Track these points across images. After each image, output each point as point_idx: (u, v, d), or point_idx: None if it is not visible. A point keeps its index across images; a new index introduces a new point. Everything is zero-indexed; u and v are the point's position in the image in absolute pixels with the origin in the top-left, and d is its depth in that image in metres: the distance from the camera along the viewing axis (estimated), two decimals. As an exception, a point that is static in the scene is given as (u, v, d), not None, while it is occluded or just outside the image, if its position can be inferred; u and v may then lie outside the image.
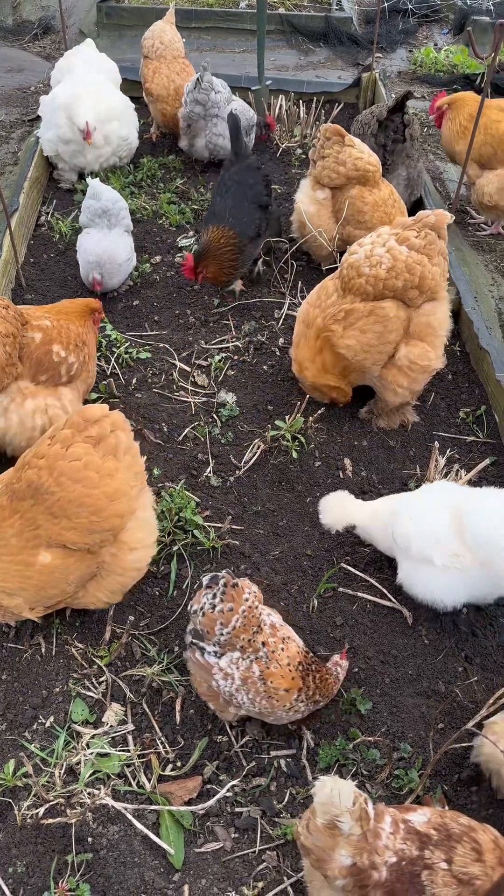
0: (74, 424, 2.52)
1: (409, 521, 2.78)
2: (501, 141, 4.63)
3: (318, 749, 2.59)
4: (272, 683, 2.37)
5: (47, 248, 4.76)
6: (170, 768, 2.55)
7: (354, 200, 4.23)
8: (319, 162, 4.27)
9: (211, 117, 5.21)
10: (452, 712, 2.70)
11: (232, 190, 4.17)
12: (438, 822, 1.92)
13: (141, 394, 3.83)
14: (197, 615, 2.35)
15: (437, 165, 5.92)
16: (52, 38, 7.57)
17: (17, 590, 2.53)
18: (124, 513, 2.56)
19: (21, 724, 2.63)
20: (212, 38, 7.60)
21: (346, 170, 4.18)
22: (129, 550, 2.66)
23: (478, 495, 2.79)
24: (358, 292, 3.40)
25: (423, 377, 3.57)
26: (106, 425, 2.53)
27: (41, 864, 2.32)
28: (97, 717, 2.65)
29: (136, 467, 2.63)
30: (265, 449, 3.56)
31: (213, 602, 2.31)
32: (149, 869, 2.33)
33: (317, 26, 7.64)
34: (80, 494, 2.45)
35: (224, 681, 2.37)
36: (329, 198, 4.33)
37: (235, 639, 2.33)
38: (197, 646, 2.39)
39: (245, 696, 2.38)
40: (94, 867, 2.32)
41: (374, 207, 4.24)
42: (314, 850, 1.87)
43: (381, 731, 2.65)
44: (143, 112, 5.94)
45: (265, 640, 2.39)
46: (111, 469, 2.51)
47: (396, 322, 3.41)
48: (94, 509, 2.48)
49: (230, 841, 2.41)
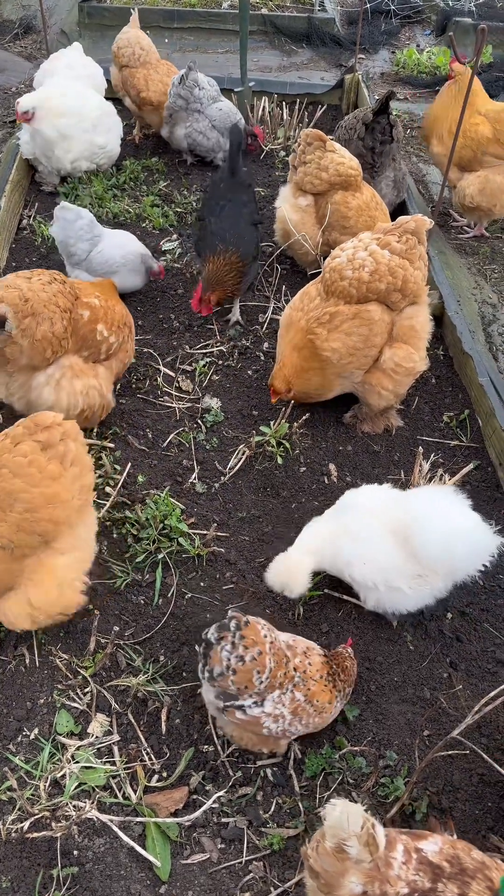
0: (27, 427, 2.55)
1: (363, 566, 2.76)
2: (480, 143, 4.67)
3: (305, 758, 2.59)
4: (319, 701, 2.38)
5: (29, 251, 4.72)
6: (156, 779, 2.54)
7: (338, 206, 4.23)
8: (301, 168, 4.25)
9: (192, 111, 5.24)
10: (438, 719, 2.71)
11: (227, 209, 4.02)
12: (451, 854, 1.86)
13: (125, 400, 3.81)
14: (226, 676, 2.24)
15: (420, 168, 5.94)
16: (34, 37, 7.51)
17: None
18: (59, 520, 2.53)
19: (5, 736, 2.61)
20: (194, 39, 7.57)
21: (328, 175, 4.17)
22: (59, 555, 2.59)
23: (415, 511, 2.73)
24: (341, 295, 3.40)
25: (408, 380, 3.58)
26: (56, 433, 2.56)
27: (26, 879, 2.30)
28: (82, 729, 2.64)
29: (83, 480, 2.61)
30: (250, 455, 3.56)
31: (239, 654, 2.23)
32: (135, 881, 2.32)
33: (300, 27, 7.64)
34: (17, 489, 2.46)
35: (275, 723, 2.33)
36: (312, 204, 4.32)
37: (273, 679, 2.29)
38: (233, 707, 2.30)
39: (298, 724, 2.37)
40: (80, 881, 2.31)
41: (358, 212, 4.24)
42: (322, 874, 1.82)
43: (366, 739, 2.65)
44: (125, 114, 5.91)
45: (295, 665, 2.37)
46: (54, 473, 2.51)
47: (381, 325, 3.41)
48: (29, 507, 2.47)
49: (217, 852, 2.40)
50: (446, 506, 2.72)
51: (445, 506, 2.72)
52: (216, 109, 5.31)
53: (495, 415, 3.62)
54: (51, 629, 2.88)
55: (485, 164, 4.73)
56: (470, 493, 3.49)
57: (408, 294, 3.39)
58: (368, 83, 6.32)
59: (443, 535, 2.64)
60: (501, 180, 4.74)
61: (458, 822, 2.47)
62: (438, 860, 1.85)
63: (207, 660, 2.28)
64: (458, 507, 2.73)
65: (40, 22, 6.61)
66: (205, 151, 5.45)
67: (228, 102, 5.45)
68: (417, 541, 2.66)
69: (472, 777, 2.58)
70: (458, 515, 2.71)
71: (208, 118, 5.29)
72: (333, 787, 2.52)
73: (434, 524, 2.66)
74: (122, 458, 3.49)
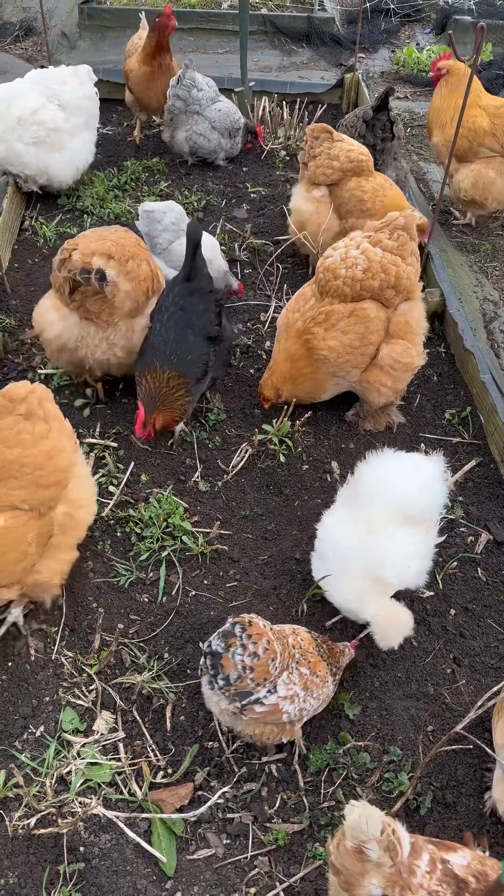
0: (2, 407, 2.61)
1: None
2: (477, 134, 4.73)
3: (309, 754, 2.60)
4: (321, 671, 2.45)
5: (32, 253, 4.74)
6: (161, 776, 2.55)
7: (354, 191, 4.25)
8: (311, 162, 4.27)
9: (192, 113, 5.25)
10: (441, 714, 2.72)
11: (175, 319, 3.39)
12: (478, 870, 1.83)
13: (127, 399, 3.82)
14: (244, 678, 2.27)
15: (421, 166, 5.94)
16: (34, 39, 7.53)
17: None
18: (66, 467, 2.71)
19: (11, 734, 2.62)
20: (195, 40, 7.59)
21: (340, 164, 4.21)
22: (80, 507, 2.82)
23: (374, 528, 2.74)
24: (335, 294, 3.42)
25: (406, 375, 3.59)
26: (33, 400, 2.65)
27: (33, 875, 2.32)
28: (87, 726, 2.65)
29: (66, 430, 2.79)
30: (253, 453, 3.57)
31: (252, 651, 2.28)
32: (141, 877, 2.33)
33: (299, 27, 7.65)
34: (18, 455, 2.57)
35: (292, 704, 2.36)
36: (326, 194, 4.33)
37: (283, 662, 2.35)
38: (252, 703, 2.32)
39: (311, 699, 2.42)
40: (87, 876, 2.32)
41: (373, 194, 4.27)
42: (343, 871, 1.81)
43: (370, 734, 2.66)
44: (127, 114, 5.94)
45: (292, 644, 2.44)
46: (43, 431, 2.65)
47: (377, 323, 3.43)
48: (36, 465, 2.60)
49: (222, 847, 2.41)
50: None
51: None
52: (215, 110, 5.32)
53: (497, 411, 3.63)
54: (56, 628, 2.90)
55: (480, 155, 4.80)
56: (472, 489, 3.51)
57: (401, 290, 3.41)
58: (368, 82, 6.33)
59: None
60: (494, 175, 4.81)
61: (462, 817, 2.49)
62: (465, 874, 1.80)
63: (219, 669, 2.27)
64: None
65: (41, 24, 6.63)
66: (206, 153, 5.46)
67: (228, 102, 5.46)
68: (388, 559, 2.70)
69: (477, 772, 2.59)
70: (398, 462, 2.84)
71: (208, 120, 5.30)
72: (338, 783, 2.53)
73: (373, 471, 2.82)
74: (125, 458, 3.51)
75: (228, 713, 2.38)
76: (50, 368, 3.89)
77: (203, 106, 5.27)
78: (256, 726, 2.42)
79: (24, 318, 4.22)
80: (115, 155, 5.66)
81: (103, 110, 6.09)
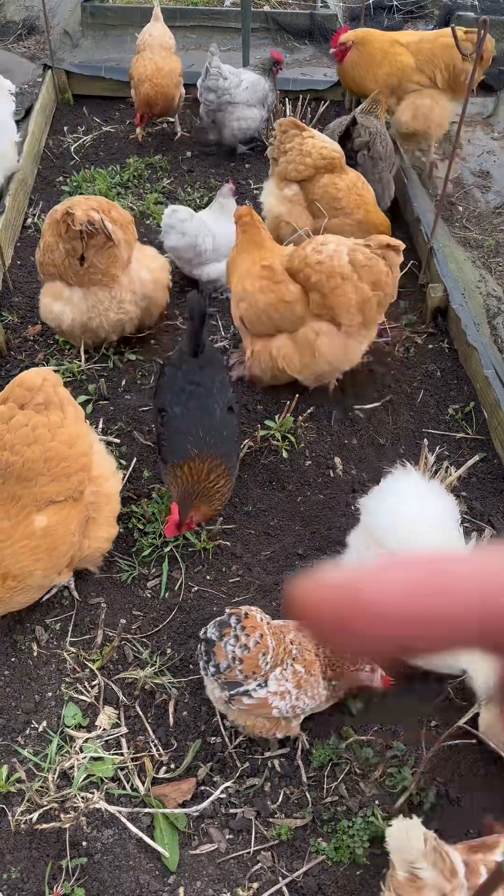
0: (19, 398, 2.59)
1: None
2: (403, 71, 4.96)
3: (312, 749, 2.59)
4: (315, 671, 2.41)
5: (34, 250, 4.72)
6: (163, 771, 2.55)
7: (327, 188, 4.19)
8: (282, 158, 4.20)
9: (226, 104, 5.24)
10: (445, 709, 2.71)
11: (196, 395, 3.02)
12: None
13: (130, 395, 3.82)
14: (233, 668, 2.27)
15: (424, 162, 5.92)
16: (37, 38, 7.54)
17: (33, 564, 2.59)
18: (87, 451, 2.73)
19: (14, 729, 2.62)
20: (197, 37, 7.57)
21: (312, 160, 4.14)
22: (105, 480, 2.87)
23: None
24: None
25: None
26: (49, 388, 2.64)
27: (36, 870, 2.32)
28: (90, 721, 2.65)
29: (79, 412, 2.78)
30: (255, 449, 3.56)
31: (243, 643, 2.27)
32: (144, 872, 2.33)
33: (302, 24, 7.63)
34: (41, 452, 2.56)
35: (282, 701, 2.34)
36: (298, 192, 4.27)
37: (276, 658, 2.33)
38: (240, 693, 2.32)
39: (306, 697, 2.39)
40: (89, 871, 2.32)
41: (347, 192, 4.22)
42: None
43: (373, 729, 2.65)
44: (130, 112, 5.93)
45: (290, 639, 2.41)
46: (58, 421, 2.62)
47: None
48: (61, 458, 2.59)
49: (225, 842, 2.41)
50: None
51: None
52: (243, 90, 5.30)
53: (500, 407, 3.61)
54: (58, 624, 2.90)
55: (410, 90, 5.02)
56: (475, 485, 3.50)
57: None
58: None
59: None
60: (429, 102, 4.99)
61: (465, 811, 2.48)
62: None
63: (211, 656, 2.29)
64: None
65: (44, 23, 6.63)
66: (254, 132, 5.52)
67: (249, 73, 5.42)
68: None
69: (481, 767, 2.58)
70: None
71: (242, 103, 5.29)
72: (341, 778, 2.52)
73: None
74: (127, 454, 3.51)
75: (221, 701, 2.40)
76: (53, 365, 3.90)
77: (233, 94, 5.25)
78: (247, 718, 2.43)
79: (26, 314, 4.22)
80: (117, 152, 5.66)
81: (105, 108, 6.13)
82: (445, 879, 1.66)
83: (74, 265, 3.53)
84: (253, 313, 3.57)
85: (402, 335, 4.25)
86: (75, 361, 3.92)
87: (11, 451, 2.51)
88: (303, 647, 2.43)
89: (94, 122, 5.95)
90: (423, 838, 1.68)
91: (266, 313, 3.54)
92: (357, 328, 3.51)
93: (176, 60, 5.53)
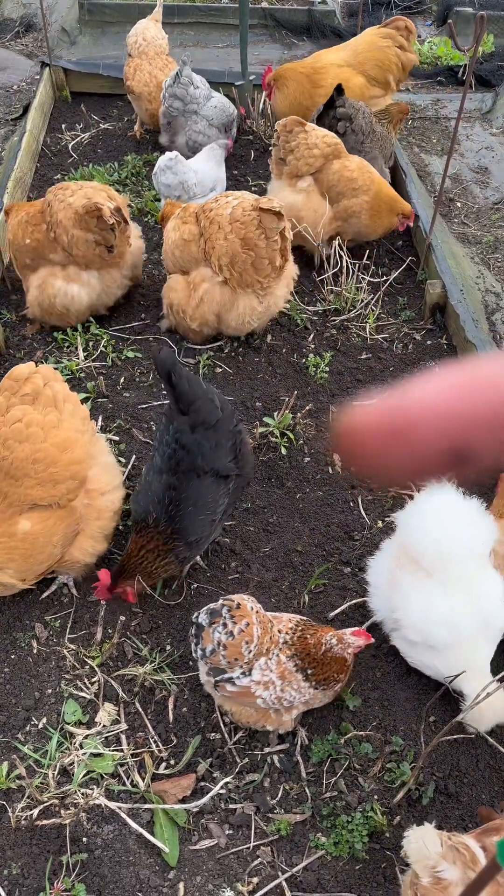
0: (8, 388, 2.58)
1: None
2: (349, 88, 4.93)
3: (311, 745, 2.60)
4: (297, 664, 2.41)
5: (33, 248, 4.73)
6: (163, 767, 2.56)
7: (341, 172, 4.27)
8: (290, 157, 4.25)
9: (190, 113, 5.19)
10: (443, 705, 2.72)
11: (175, 459, 2.68)
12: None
13: (129, 393, 3.82)
14: (217, 653, 2.29)
15: (422, 158, 5.92)
16: (35, 35, 7.53)
17: (5, 562, 2.57)
18: (81, 459, 2.63)
19: (14, 726, 2.63)
20: (195, 34, 7.57)
21: (320, 150, 4.23)
22: (100, 495, 2.78)
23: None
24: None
25: None
26: (38, 380, 2.59)
27: (36, 866, 2.33)
28: (90, 718, 2.66)
29: (80, 413, 2.69)
30: (254, 446, 3.56)
31: (229, 629, 2.28)
32: (144, 867, 2.34)
33: (300, 20, 7.62)
34: (30, 452, 2.51)
35: (266, 691, 2.35)
36: (312, 182, 4.33)
37: (260, 646, 2.33)
38: (223, 680, 2.34)
39: (291, 690, 2.39)
40: (90, 867, 2.33)
41: (360, 172, 4.31)
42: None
43: (372, 724, 2.66)
44: (128, 109, 5.93)
45: (279, 629, 2.43)
46: (54, 421, 2.57)
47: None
48: (49, 461, 2.54)
49: (224, 838, 2.42)
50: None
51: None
52: (211, 108, 5.28)
53: (499, 402, 3.61)
54: (58, 620, 2.90)
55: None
56: (474, 480, 3.50)
57: None
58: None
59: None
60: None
61: (464, 806, 2.48)
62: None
63: (199, 640, 2.32)
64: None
65: (41, 20, 6.62)
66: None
67: (220, 96, 5.41)
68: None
69: (479, 762, 2.59)
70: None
71: (205, 118, 5.25)
72: (340, 773, 2.53)
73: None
74: (126, 451, 3.51)
75: (210, 685, 2.42)
76: (51, 363, 3.90)
77: (200, 104, 5.22)
78: (233, 705, 2.45)
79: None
80: (115, 150, 5.65)
81: (103, 105, 6.12)
82: (470, 869, 1.67)
83: (103, 252, 3.78)
84: (165, 250, 3.97)
85: (399, 332, 4.25)
86: (74, 359, 3.92)
87: (3, 446, 2.51)
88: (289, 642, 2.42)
89: (92, 120, 5.95)
90: (439, 840, 1.70)
91: (171, 251, 3.88)
92: (238, 284, 3.70)
93: (174, 68, 5.52)
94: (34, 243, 3.81)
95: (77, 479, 2.64)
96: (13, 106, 6.34)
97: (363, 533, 3.25)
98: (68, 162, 5.48)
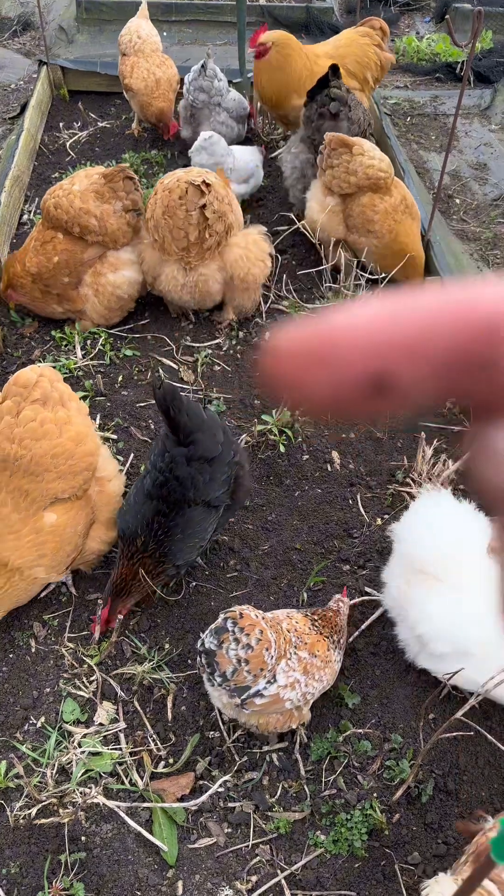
0: (17, 394, 2.61)
1: None
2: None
3: (310, 743, 2.59)
4: (320, 651, 2.42)
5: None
6: (162, 765, 2.55)
7: (364, 209, 4.18)
8: (329, 171, 4.20)
9: (214, 105, 5.19)
10: (443, 702, 2.71)
11: (167, 487, 2.64)
12: None
13: (127, 391, 3.82)
14: (240, 671, 2.22)
15: (421, 155, 5.92)
16: (32, 34, 7.51)
17: (36, 559, 2.61)
18: (94, 450, 2.74)
19: (12, 725, 2.63)
20: (193, 31, 7.55)
21: (356, 179, 4.12)
22: (108, 482, 2.87)
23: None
24: None
25: None
26: (45, 384, 2.64)
27: (35, 865, 2.33)
28: (88, 717, 2.65)
29: (83, 409, 2.79)
30: (253, 444, 3.56)
31: (246, 643, 2.22)
32: (142, 866, 2.33)
33: (298, 17, 7.60)
34: (48, 448, 2.57)
35: (293, 692, 2.33)
36: (339, 204, 4.28)
37: (279, 650, 2.32)
38: (251, 696, 2.28)
39: (314, 681, 2.39)
40: (88, 866, 2.32)
41: (384, 216, 4.18)
42: None
43: (371, 722, 2.66)
44: (126, 107, 5.91)
45: (287, 628, 2.42)
46: (65, 418, 2.64)
47: None
48: (67, 455, 2.61)
49: (223, 836, 2.42)
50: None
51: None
52: (231, 99, 5.29)
53: (498, 399, 3.60)
54: (56, 619, 2.90)
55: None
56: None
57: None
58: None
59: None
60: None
61: (463, 804, 2.48)
62: None
63: (215, 666, 2.23)
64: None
65: (38, 18, 6.61)
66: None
67: (235, 91, 5.42)
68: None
69: (479, 759, 2.58)
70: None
71: (226, 109, 5.26)
72: (339, 771, 2.53)
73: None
74: (124, 449, 3.51)
75: (231, 707, 2.36)
76: (49, 362, 3.89)
77: (224, 96, 5.23)
78: (260, 717, 2.40)
79: (24, 312, 4.22)
80: (113, 148, 5.65)
81: (101, 103, 6.11)
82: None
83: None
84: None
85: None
86: (72, 357, 3.91)
87: (21, 446, 2.53)
88: (300, 632, 2.43)
89: (90, 118, 5.93)
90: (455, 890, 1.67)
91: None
92: (160, 249, 3.89)
93: (171, 66, 5.50)
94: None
95: (91, 469, 2.73)
96: (11, 104, 6.33)
97: (362, 530, 3.24)
98: (66, 160, 5.48)
